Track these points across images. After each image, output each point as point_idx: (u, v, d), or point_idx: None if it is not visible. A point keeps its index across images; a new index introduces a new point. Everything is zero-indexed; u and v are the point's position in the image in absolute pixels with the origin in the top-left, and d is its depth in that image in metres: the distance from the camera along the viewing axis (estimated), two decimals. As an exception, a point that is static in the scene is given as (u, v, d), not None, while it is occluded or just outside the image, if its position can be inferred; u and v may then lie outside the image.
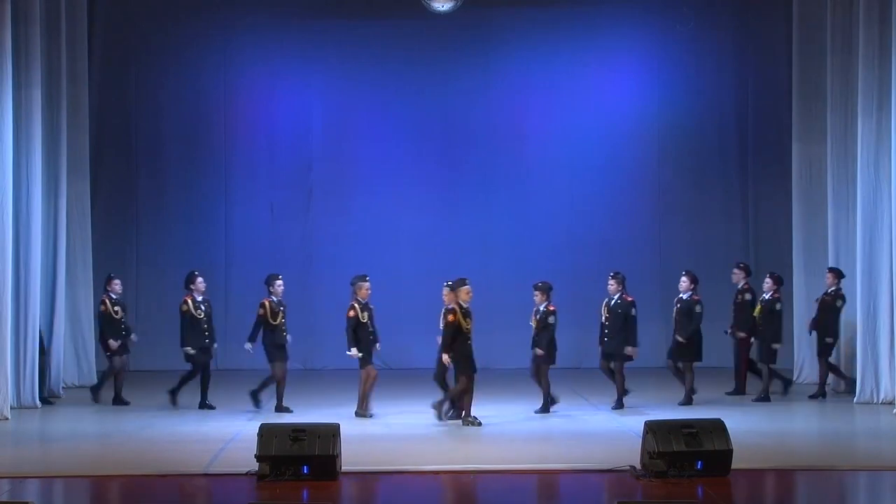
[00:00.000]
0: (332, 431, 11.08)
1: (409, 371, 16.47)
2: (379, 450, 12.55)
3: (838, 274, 16.05)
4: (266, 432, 11.07)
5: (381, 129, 19.94)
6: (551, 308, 14.68)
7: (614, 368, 15.12)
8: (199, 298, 15.23)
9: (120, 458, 12.11)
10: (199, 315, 15.12)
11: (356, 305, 14.39)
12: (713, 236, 19.91)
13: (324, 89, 20.02)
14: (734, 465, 10.99)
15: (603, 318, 15.22)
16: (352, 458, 11.35)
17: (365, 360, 14.47)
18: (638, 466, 11.12)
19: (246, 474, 11.03)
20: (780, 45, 18.90)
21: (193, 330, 15.16)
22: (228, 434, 13.22)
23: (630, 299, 15.12)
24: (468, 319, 13.93)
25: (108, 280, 15.92)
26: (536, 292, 14.83)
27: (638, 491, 10.57)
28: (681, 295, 15.71)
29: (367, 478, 11.22)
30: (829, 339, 15.92)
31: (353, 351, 14.36)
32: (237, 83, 19.95)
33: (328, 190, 20.02)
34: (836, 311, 15.98)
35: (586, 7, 19.87)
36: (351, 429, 12.98)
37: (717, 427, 11.20)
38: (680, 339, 15.45)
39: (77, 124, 17.35)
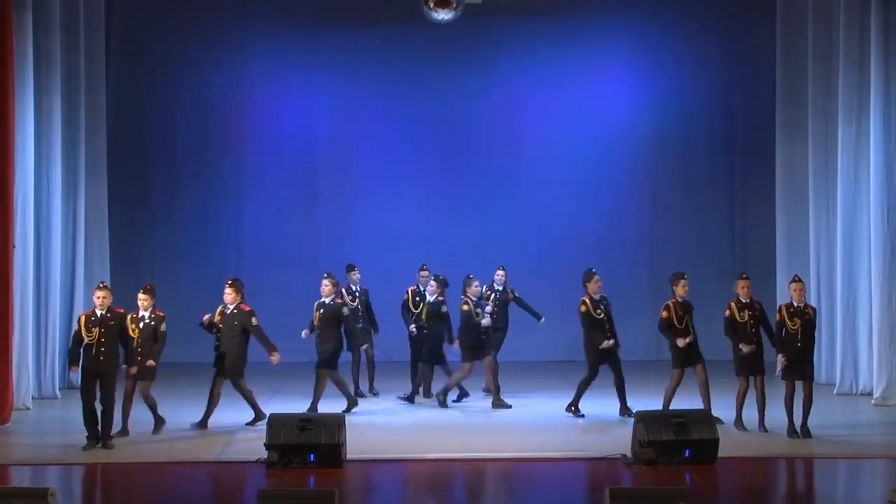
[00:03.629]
0: (337, 421, 11.35)
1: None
2: (382, 438, 12.77)
3: (443, 282, 15.08)
4: (275, 422, 11.32)
5: (384, 134, 20.14)
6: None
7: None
8: (597, 298, 14.07)
9: (135, 446, 12.35)
10: (599, 314, 14.00)
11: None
12: (702, 236, 20.09)
13: (329, 96, 20.20)
14: (720, 454, 11.24)
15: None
16: (356, 446, 11.59)
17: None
18: (629, 455, 11.37)
19: (256, 462, 11.28)
20: (764, 54, 19.04)
21: (595, 328, 14.03)
22: (239, 424, 13.41)
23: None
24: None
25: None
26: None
27: (628, 478, 10.83)
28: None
29: (371, 465, 11.45)
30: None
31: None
32: (248, 91, 20.12)
33: (333, 192, 20.25)
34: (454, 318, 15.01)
35: (581, 18, 20.05)
36: (356, 419, 13.33)
37: (705, 417, 11.51)
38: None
39: (95, 130, 17.33)
